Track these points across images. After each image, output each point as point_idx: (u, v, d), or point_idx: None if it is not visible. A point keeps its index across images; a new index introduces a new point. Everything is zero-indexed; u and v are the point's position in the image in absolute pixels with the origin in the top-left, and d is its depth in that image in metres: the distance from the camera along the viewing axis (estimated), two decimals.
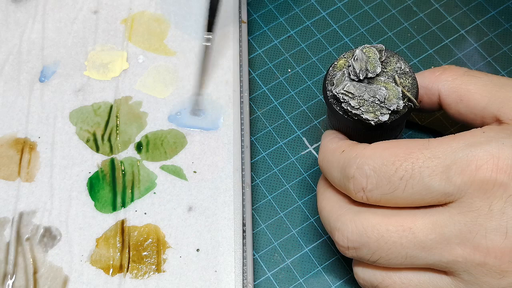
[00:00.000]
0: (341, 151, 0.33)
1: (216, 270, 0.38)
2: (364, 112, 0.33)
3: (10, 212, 0.40)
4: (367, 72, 0.33)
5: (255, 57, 0.46)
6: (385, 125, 0.33)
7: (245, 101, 0.43)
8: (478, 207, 0.29)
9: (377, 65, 0.33)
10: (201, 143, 0.42)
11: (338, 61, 0.35)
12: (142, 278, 0.38)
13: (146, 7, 0.47)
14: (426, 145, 0.30)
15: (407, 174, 0.30)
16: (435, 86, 0.35)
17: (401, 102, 0.33)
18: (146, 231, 0.39)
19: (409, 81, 0.34)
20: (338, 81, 0.34)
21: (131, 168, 0.41)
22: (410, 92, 0.34)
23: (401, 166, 0.30)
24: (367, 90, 0.33)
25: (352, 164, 0.31)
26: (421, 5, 0.47)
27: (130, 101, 0.43)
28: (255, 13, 0.47)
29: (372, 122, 0.33)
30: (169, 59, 0.45)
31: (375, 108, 0.33)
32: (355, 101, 0.33)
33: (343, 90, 0.33)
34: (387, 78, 0.34)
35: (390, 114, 0.33)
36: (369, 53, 0.34)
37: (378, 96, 0.32)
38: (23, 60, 0.45)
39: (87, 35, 0.46)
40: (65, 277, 0.38)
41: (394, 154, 0.30)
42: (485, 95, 0.33)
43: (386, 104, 0.33)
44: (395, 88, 0.33)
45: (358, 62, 0.33)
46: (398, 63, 0.34)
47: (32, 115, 0.43)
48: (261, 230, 0.40)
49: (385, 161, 0.30)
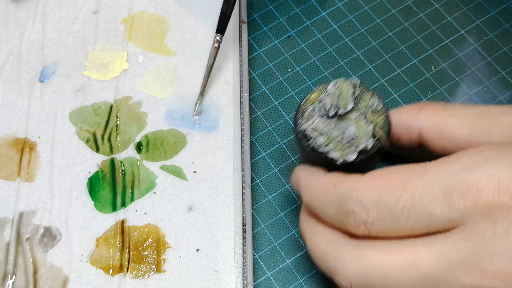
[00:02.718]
0: (333, 186, 0.31)
1: (216, 270, 0.38)
2: (331, 150, 0.32)
3: (10, 212, 0.40)
4: (338, 108, 0.32)
5: (255, 57, 0.46)
6: (353, 164, 0.32)
7: (245, 101, 0.43)
8: (482, 231, 0.28)
9: (349, 101, 0.32)
10: (201, 143, 0.42)
11: (310, 94, 0.34)
12: (142, 278, 0.38)
13: (146, 7, 0.47)
14: (423, 171, 0.29)
15: (408, 204, 0.29)
16: (414, 124, 0.34)
17: (371, 141, 0.32)
18: (146, 231, 0.39)
19: (381, 119, 0.32)
20: (309, 116, 0.33)
21: (131, 168, 0.41)
22: (382, 131, 0.32)
23: (401, 196, 0.29)
24: (336, 127, 0.32)
25: (350, 198, 0.30)
26: (421, 5, 0.47)
27: (130, 101, 0.43)
28: (255, 13, 0.47)
29: (339, 161, 0.32)
30: (169, 59, 0.45)
31: (343, 146, 0.31)
32: (323, 138, 0.32)
33: (312, 126, 0.32)
34: (359, 115, 0.32)
35: (358, 153, 0.32)
36: (342, 88, 0.32)
37: (346, 134, 0.31)
38: (23, 60, 0.45)
39: (87, 35, 0.46)
40: (65, 277, 0.38)
41: (392, 184, 0.29)
42: (467, 126, 0.32)
43: (354, 143, 0.31)
44: (366, 126, 0.32)
45: (329, 98, 0.32)
46: (371, 100, 0.33)
47: (32, 115, 0.43)
48: (261, 230, 0.40)
49: (383, 192, 0.29)
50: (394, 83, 0.44)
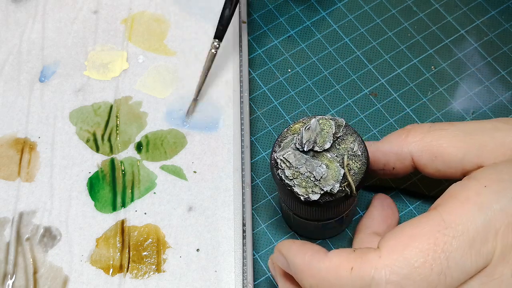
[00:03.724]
0: (349, 269, 0.28)
1: (216, 270, 0.38)
2: (296, 185, 0.31)
3: (10, 212, 0.40)
4: (314, 144, 0.31)
5: (255, 57, 0.46)
6: (319, 204, 0.32)
7: (245, 101, 0.43)
8: (500, 274, 0.27)
9: (327, 141, 0.32)
10: (201, 143, 0.42)
11: (295, 123, 0.33)
12: (142, 278, 0.38)
13: (146, 7, 0.47)
14: (442, 223, 0.27)
15: (444, 265, 0.27)
16: (405, 150, 0.33)
17: (337, 185, 0.31)
18: (146, 231, 0.39)
19: (357, 165, 0.32)
20: (285, 145, 0.32)
21: (131, 168, 0.41)
22: (353, 178, 0.32)
23: (435, 261, 0.27)
24: (306, 164, 0.31)
25: (379, 281, 0.27)
26: (421, 5, 0.47)
27: (130, 101, 0.43)
28: (255, 13, 0.47)
29: (302, 197, 0.31)
30: (169, 59, 0.45)
31: (308, 184, 0.31)
32: (291, 171, 0.31)
33: (282, 157, 0.32)
34: (335, 156, 0.32)
35: (323, 194, 0.31)
36: (324, 126, 0.32)
37: (315, 173, 0.31)
38: (23, 60, 0.45)
39: (87, 35, 0.46)
40: (65, 277, 0.38)
41: (419, 251, 0.27)
42: (459, 146, 0.31)
43: (321, 183, 0.31)
44: (337, 169, 0.31)
45: (308, 133, 0.32)
46: (352, 144, 0.32)
47: (32, 115, 0.43)
48: (261, 230, 0.40)
49: (414, 263, 0.27)
50: (394, 83, 0.44)
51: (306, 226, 0.37)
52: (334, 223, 0.36)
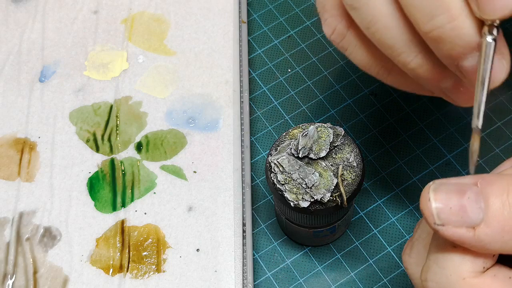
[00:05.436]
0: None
1: (216, 270, 0.38)
2: (287, 190, 0.31)
3: (10, 212, 0.40)
4: (310, 151, 0.31)
5: (255, 57, 0.46)
6: (309, 211, 0.31)
7: (245, 101, 0.43)
8: None
9: (324, 149, 0.31)
10: (201, 143, 0.42)
11: (294, 128, 0.33)
12: (142, 278, 0.38)
13: (146, 7, 0.47)
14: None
15: None
16: None
17: (328, 194, 0.31)
18: (146, 231, 0.39)
19: (352, 176, 0.32)
20: (281, 150, 0.32)
21: (131, 168, 0.41)
22: (347, 189, 0.31)
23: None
24: (299, 170, 0.31)
25: None
26: None
27: (130, 101, 0.43)
28: (255, 13, 0.47)
29: (292, 203, 0.31)
30: (169, 59, 0.45)
31: (299, 190, 0.31)
32: (283, 176, 0.31)
33: (276, 161, 0.31)
34: (330, 165, 0.32)
35: (313, 203, 0.31)
36: (322, 134, 0.32)
37: (307, 180, 0.31)
38: (23, 60, 0.45)
39: (87, 35, 0.46)
40: (65, 277, 0.38)
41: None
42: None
43: (312, 191, 0.31)
44: (331, 178, 0.31)
45: (304, 139, 0.31)
46: (349, 154, 0.32)
47: (32, 115, 0.43)
48: (261, 230, 0.40)
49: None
50: None
51: (298, 231, 0.37)
52: (326, 231, 0.36)
